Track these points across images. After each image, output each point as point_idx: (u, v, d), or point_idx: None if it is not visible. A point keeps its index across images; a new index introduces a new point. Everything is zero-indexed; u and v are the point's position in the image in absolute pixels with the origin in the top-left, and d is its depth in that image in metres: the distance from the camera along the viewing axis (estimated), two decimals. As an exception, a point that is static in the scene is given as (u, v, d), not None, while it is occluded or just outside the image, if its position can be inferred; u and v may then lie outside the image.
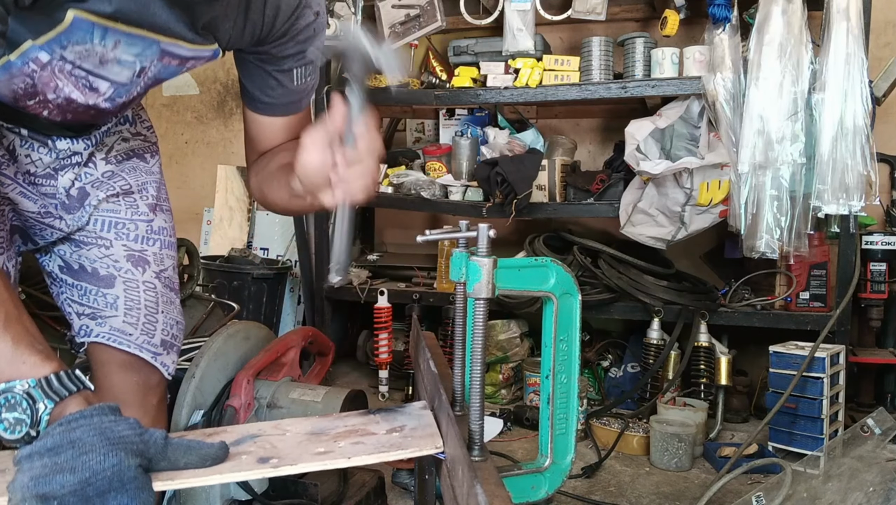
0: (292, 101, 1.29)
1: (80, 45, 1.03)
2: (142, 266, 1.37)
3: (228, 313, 2.51)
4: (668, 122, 2.69)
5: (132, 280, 1.35)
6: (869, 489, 1.68)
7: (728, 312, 2.73)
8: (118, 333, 1.33)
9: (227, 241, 3.75)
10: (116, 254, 1.35)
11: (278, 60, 1.24)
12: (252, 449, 0.87)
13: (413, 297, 3.00)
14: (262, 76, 1.26)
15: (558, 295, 0.99)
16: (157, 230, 1.40)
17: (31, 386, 0.80)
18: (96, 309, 1.34)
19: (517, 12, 2.88)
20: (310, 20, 1.22)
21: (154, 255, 1.39)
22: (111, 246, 1.35)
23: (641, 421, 2.56)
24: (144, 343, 1.35)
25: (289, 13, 1.19)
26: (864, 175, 2.36)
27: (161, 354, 1.38)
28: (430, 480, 1.05)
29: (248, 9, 1.15)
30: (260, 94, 1.27)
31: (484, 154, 3.02)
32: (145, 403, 1.39)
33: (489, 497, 0.58)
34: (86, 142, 1.29)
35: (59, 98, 1.13)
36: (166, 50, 1.12)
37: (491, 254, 0.86)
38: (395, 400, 3.00)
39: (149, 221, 1.39)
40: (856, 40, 2.35)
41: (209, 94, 4.03)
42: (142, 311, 1.35)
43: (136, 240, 1.37)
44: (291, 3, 1.18)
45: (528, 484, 0.98)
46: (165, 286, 1.41)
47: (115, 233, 1.35)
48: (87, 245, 1.34)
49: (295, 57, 1.24)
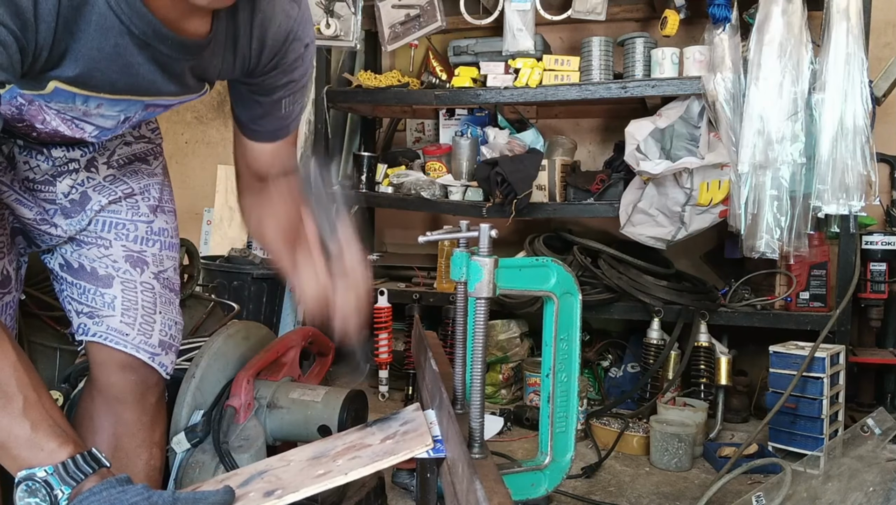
0: (279, 128, 1.29)
1: (64, 104, 1.06)
2: (140, 267, 1.37)
3: (228, 313, 2.51)
4: (668, 122, 2.69)
5: (130, 281, 1.36)
6: (869, 489, 1.68)
7: (728, 312, 2.73)
8: (115, 333, 1.33)
9: (227, 241, 3.75)
10: (115, 254, 1.35)
11: (268, 91, 1.24)
12: (259, 485, 0.90)
13: (413, 297, 3.00)
14: (251, 105, 1.26)
15: (559, 294, 1.00)
16: (157, 231, 1.40)
17: (49, 473, 0.87)
18: (94, 308, 1.34)
19: (517, 12, 2.88)
20: (299, 53, 1.21)
21: (153, 256, 1.39)
22: (110, 246, 1.35)
23: (641, 421, 2.55)
24: (141, 343, 1.35)
25: (276, 48, 1.17)
26: (864, 175, 2.36)
27: (159, 354, 1.38)
28: (432, 479, 1.06)
29: (236, 45, 1.14)
30: (248, 122, 1.28)
31: (484, 154, 3.02)
32: (144, 401, 1.40)
33: (489, 493, 0.58)
34: (82, 149, 1.30)
35: (47, 128, 1.14)
36: (151, 104, 1.15)
37: (492, 253, 0.87)
38: (395, 400, 3.00)
39: (149, 223, 1.39)
40: (856, 40, 2.35)
41: (209, 94, 4.02)
42: (139, 311, 1.35)
43: (136, 241, 1.37)
44: (279, 38, 1.17)
45: (528, 481, 0.99)
46: (164, 287, 1.41)
47: (114, 233, 1.35)
48: (87, 244, 1.35)
49: (285, 87, 1.24)
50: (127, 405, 1.38)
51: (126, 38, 0.98)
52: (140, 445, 1.40)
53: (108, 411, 1.38)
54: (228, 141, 4.56)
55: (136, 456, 1.40)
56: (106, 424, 1.38)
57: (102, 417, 1.38)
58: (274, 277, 3.29)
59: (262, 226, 1.37)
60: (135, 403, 1.38)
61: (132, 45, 0.99)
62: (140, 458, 1.41)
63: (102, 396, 1.38)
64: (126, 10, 0.95)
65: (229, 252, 3.36)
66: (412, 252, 3.59)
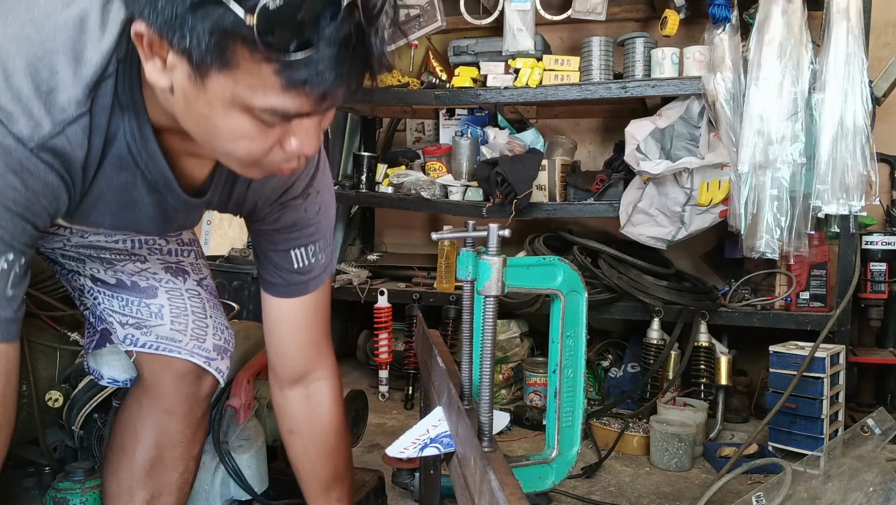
0: (295, 283, 1.23)
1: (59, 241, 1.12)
2: (182, 276, 1.35)
3: (229, 313, 2.50)
4: (668, 122, 2.69)
5: (175, 289, 1.33)
6: (869, 489, 1.68)
7: (728, 312, 2.73)
8: (167, 341, 1.31)
9: (228, 241, 3.75)
10: (153, 266, 1.33)
11: (270, 236, 1.19)
12: None
13: (413, 297, 2.99)
14: (263, 253, 1.23)
15: (565, 292, 1.00)
16: (187, 242, 1.38)
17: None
18: (140, 319, 1.31)
19: (517, 12, 2.88)
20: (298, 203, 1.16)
21: (191, 265, 1.37)
22: (146, 261, 1.32)
23: (641, 421, 2.55)
24: (195, 348, 1.33)
25: (273, 198, 1.14)
26: (864, 175, 2.36)
27: (215, 359, 1.35)
28: (435, 476, 1.06)
29: (233, 187, 1.11)
30: (263, 272, 1.24)
31: (484, 154, 3.02)
32: (190, 415, 1.38)
33: (501, 484, 0.59)
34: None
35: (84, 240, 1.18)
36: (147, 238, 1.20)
37: (500, 253, 0.88)
38: (395, 400, 3.00)
39: (178, 236, 1.36)
40: (856, 40, 2.35)
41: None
42: (189, 316, 1.33)
43: (170, 253, 1.34)
44: (277, 189, 1.13)
45: (535, 474, 1.00)
46: (209, 293, 1.39)
47: (147, 249, 1.32)
48: (119, 262, 1.31)
49: (287, 237, 1.19)
50: (174, 417, 1.37)
51: (138, 178, 0.98)
52: (178, 458, 1.39)
53: (153, 421, 1.37)
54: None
55: (173, 468, 1.39)
56: (150, 434, 1.37)
57: (147, 427, 1.37)
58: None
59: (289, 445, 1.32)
60: (182, 416, 1.37)
61: (142, 186, 0.99)
62: (176, 470, 1.40)
63: (151, 404, 1.37)
64: (144, 157, 0.95)
65: (229, 252, 3.36)
66: (412, 252, 3.59)
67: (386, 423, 2.73)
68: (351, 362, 3.46)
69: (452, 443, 0.84)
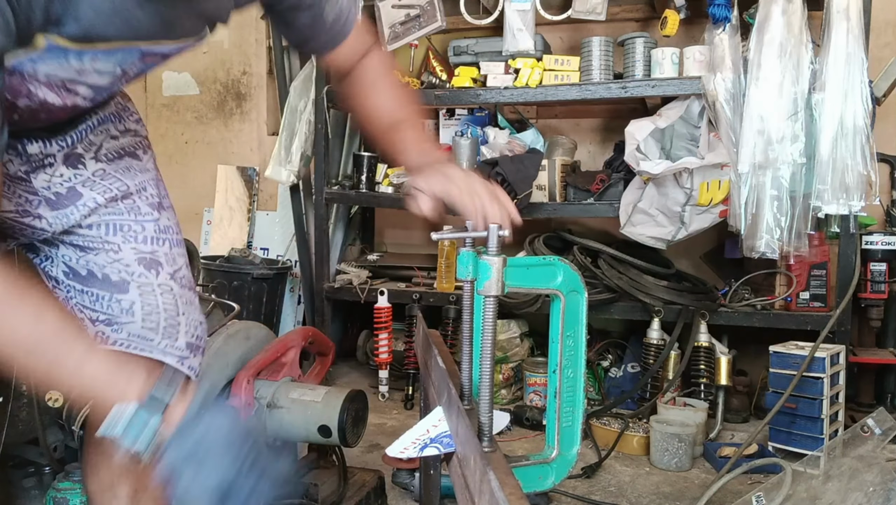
0: (337, 33, 1.31)
1: (55, 64, 0.99)
2: (154, 269, 1.31)
3: (228, 313, 2.50)
4: (668, 122, 2.69)
5: (147, 284, 1.30)
6: (869, 489, 1.68)
7: (728, 312, 2.73)
8: (138, 339, 1.28)
9: (227, 241, 3.75)
10: (127, 258, 1.29)
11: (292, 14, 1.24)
12: None
13: (413, 297, 2.99)
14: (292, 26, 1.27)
15: (566, 292, 1.01)
16: (164, 229, 1.34)
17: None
18: (111, 315, 1.28)
19: (517, 12, 2.88)
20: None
21: (165, 255, 1.33)
22: (120, 250, 1.29)
23: (641, 421, 2.56)
24: (167, 347, 1.30)
25: None
26: (864, 175, 2.37)
27: (188, 357, 1.33)
28: (435, 476, 1.06)
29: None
30: (302, 45, 1.31)
31: (484, 154, 3.02)
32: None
33: (501, 484, 0.59)
34: (59, 143, 1.23)
35: (34, 103, 1.07)
36: (148, 52, 1.08)
37: (500, 253, 0.88)
38: (395, 400, 3.00)
39: (155, 221, 1.33)
40: (856, 40, 2.36)
41: (209, 94, 4.03)
42: (161, 314, 1.30)
43: (146, 241, 1.31)
44: None
45: (535, 474, 1.00)
46: (182, 286, 1.36)
47: (122, 236, 1.28)
48: (93, 250, 1.28)
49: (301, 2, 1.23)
50: None
51: None
52: None
53: None
54: (228, 141, 4.57)
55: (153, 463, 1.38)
56: None
57: None
58: (274, 277, 3.29)
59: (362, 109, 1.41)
60: None
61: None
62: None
63: None
64: None
65: (229, 252, 3.36)
66: (412, 252, 3.59)
67: (386, 423, 2.73)
68: (351, 362, 3.46)
69: (452, 443, 0.84)
